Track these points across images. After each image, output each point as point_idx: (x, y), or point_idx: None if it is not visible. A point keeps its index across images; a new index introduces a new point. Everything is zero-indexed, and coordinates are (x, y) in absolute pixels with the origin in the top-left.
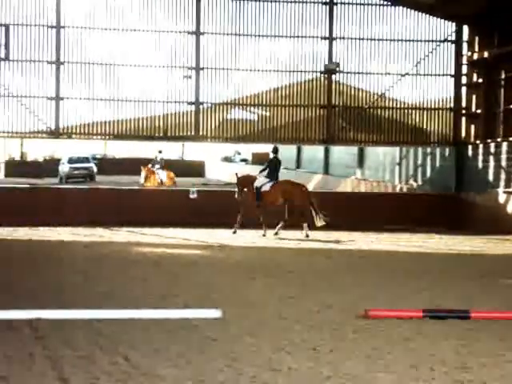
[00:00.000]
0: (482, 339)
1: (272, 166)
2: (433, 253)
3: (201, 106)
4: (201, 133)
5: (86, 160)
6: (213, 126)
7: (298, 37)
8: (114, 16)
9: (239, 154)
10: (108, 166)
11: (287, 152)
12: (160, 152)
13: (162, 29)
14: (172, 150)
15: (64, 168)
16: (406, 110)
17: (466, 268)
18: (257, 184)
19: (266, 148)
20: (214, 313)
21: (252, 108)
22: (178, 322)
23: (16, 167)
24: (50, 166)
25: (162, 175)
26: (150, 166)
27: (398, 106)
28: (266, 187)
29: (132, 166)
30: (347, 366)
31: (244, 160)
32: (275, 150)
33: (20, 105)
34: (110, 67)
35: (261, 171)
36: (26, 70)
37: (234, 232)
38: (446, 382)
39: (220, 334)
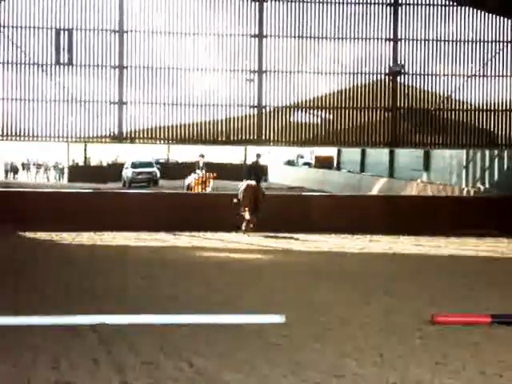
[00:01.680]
0: None
1: (252, 170)
2: (502, 257)
3: (263, 110)
4: (264, 136)
5: (150, 165)
6: (276, 130)
7: (361, 38)
8: (176, 19)
9: (302, 157)
10: (171, 170)
11: (352, 155)
12: (202, 156)
13: (224, 32)
14: (234, 154)
15: (127, 173)
16: (472, 112)
17: None
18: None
19: (329, 151)
20: (278, 318)
21: (315, 111)
22: (242, 326)
23: (79, 172)
24: (113, 171)
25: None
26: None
27: (465, 108)
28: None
29: (196, 169)
30: (414, 373)
31: (307, 164)
32: (258, 156)
33: (83, 109)
34: (172, 71)
35: (245, 178)
36: (89, 74)
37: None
38: None
39: (284, 339)
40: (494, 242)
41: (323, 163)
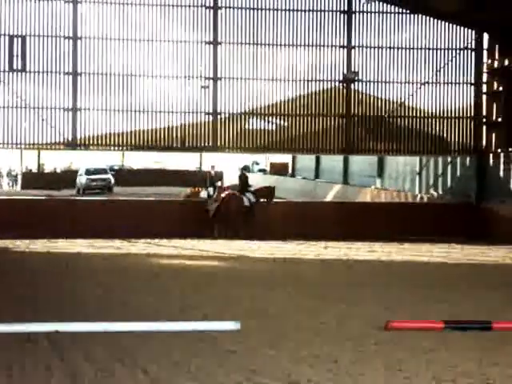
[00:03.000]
0: (505, 351)
1: (243, 181)
2: (454, 263)
3: (218, 117)
4: (219, 143)
5: (104, 171)
6: (231, 137)
7: (316, 46)
8: (130, 26)
9: (257, 164)
10: (126, 177)
11: (307, 162)
12: (213, 167)
13: (179, 39)
14: (189, 161)
15: (81, 179)
16: (425, 119)
17: (488, 279)
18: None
19: (284, 158)
20: (233, 325)
21: (270, 118)
22: (197, 334)
23: (33, 179)
24: (67, 178)
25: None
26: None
27: (418, 114)
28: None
29: (150, 176)
30: (367, 378)
31: (262, 170)
32: (245, 168)
33: (37, 116)
34: (127, 78)
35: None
36: (43, 81)
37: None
38: None
39: (239, 346)
40: (447, 248)
41: (278, 170)
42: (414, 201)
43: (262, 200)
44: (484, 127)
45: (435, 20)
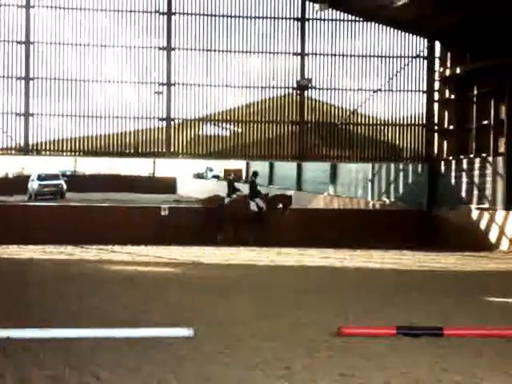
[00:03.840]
0: (456, 356)
1: (255, 186)
2: (406, 270)
3: (172, 122)
4: (172, 149)
5: (56, 177)
6: (184, 142)
7: (270, 53)
8: (84, 31)
9: (211, 170)
10: (79, 182)
11: (259, 168)
12: (230, 175)
13: (132, 44)
14: (143, 167)
15: (33, 185)
16: (378, 126)
17: (438, 284)
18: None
19: (238, 164)
20: (187, 331)
21: (224, 124)
22: (149, 340)
23: None
24: (19, 183)
25: None
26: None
27: (371, 122)
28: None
29: (104, 182)
30: None
31: (216, 176)
32: (254, 174)
33: None
34: (80, 83)
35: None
36: None
37: None
38: None
39: (192, 352)
40: (399, 255)
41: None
42: (366, 207)
43: (278, 207)
44: (436, 135)
45: (388, 28)
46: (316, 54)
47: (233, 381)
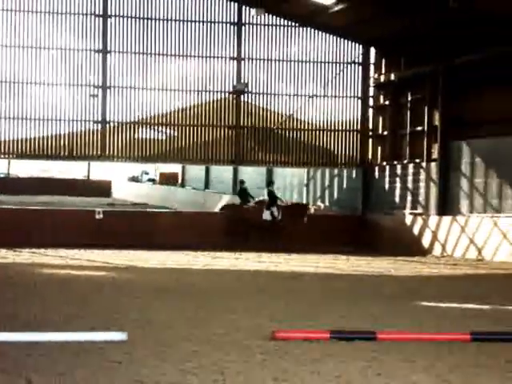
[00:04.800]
0: (388, 360)
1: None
2: (340, 274)
3: (107, 125)
4: (107, 152)
5: None
6: (120, 146)
7: (206, 57)
8: (18, 33)
9: (147, 173)
10: (12, 185)
11: (196, 172)
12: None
13: (67, 46)
14: (78, 170)
15: None
16: (313, 132)
17: (372, 289)
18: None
19: (174, 168)
20: (120, 335)
21: (160, 128)
22: (82, 345)
23: None
24: None
25: None
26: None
27: (306, 127)
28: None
29: (37, 185)
30: None
31: (151, 180)
32: (270, 183)
33: None
34: (13, 85)
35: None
36: None
37: None
38: None
39: (125, 357)
40: (333, 259)
41: (168, 180)
42: None
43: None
44: (370, 140)
45: (324, 34)
46: (252, 59)
47: None
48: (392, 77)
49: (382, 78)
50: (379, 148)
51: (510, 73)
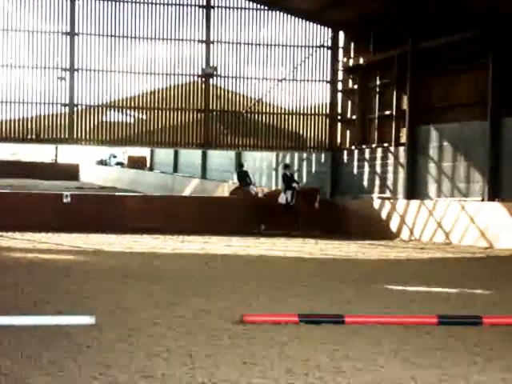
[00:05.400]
0: (356, 344)
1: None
2: (308, 258)
3: (75, 108)
4: (75, 135)
5: None
6: (88, 129)
7: (175, 40)
8: None
9: (115, 157)
10: None
11: (165, 156)
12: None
13: (35, 29)
14: (46, 153)
15: None
16: (283, 116)
17: (340, 273)
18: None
19: (142, 151)
20: (88, 319)
21: (128, 111)
22: (50, 328)
23: None
24: None
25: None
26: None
27: (276, 111)
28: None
29: (3, 168)
30: (222, 372)
31: (120, 163)
32: (286, 166)
33: None
34: None
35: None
36: None
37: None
38: None
39: (94, 340)
40: (302, 243)
41: (136, 163)
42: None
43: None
44: (339, 124)
45: (293, 17)
46: (221, 42)
47: (134, 368)
48: (361, 61)
49: (351, 62)
50: (348, 132)
51: (475, 57)
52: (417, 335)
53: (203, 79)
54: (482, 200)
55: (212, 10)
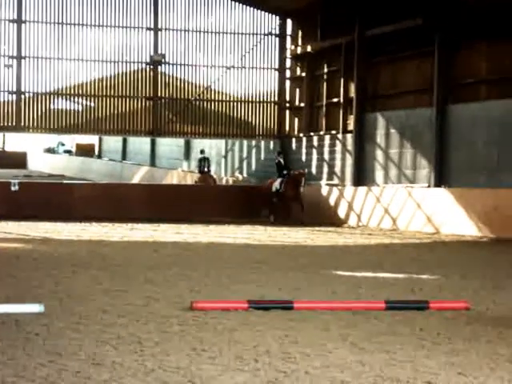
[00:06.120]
0: (305, 329)
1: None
2: (257, 244)
3: (22, 96)
4: (22, 123)
5: None
6: (35, 117)
7: (123, 27)
8: None
9: (63, 145)
10: None
11: (113, 144)
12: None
13: None
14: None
15: None
16: (231, 103)
17: (289, 259)
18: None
19: (90, 139)
20: (37, 307)
21: (76, 98)
22: None
23: None
24: None
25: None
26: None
27: (224, 98)
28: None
29: None
30: (172, 359)
31: (68, 151)
32: (279, 153)
33: None
34: None
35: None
36: None
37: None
38: (270, 373)
39: (43, 329)
40: (251, 230)
41: (84, 151)
42: (219, 183)
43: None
44: (287, 112)
45: (241, 5)
46: (169, 29)
47: (84, 356)
48: (308, 48)
49: (299, 50)
50: (296, 119)
51: (422, 45)
52: (365, 320)
53: (151, 67)
54: (429, 186)
55: None
